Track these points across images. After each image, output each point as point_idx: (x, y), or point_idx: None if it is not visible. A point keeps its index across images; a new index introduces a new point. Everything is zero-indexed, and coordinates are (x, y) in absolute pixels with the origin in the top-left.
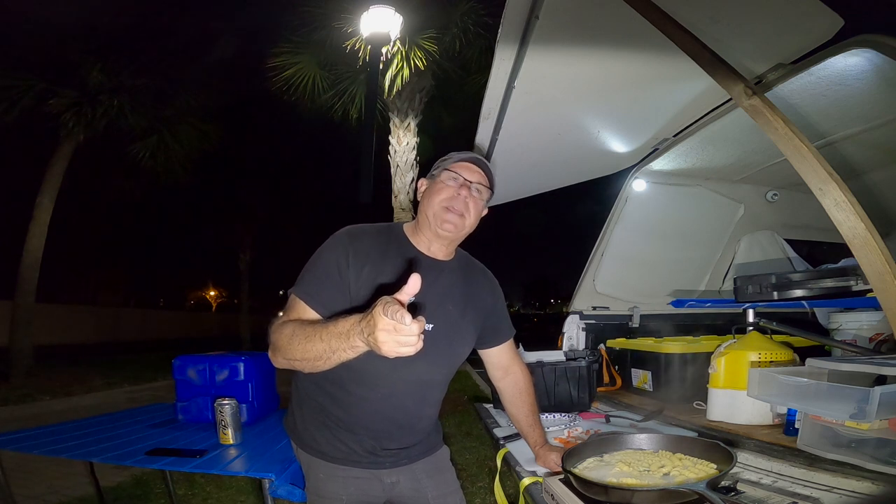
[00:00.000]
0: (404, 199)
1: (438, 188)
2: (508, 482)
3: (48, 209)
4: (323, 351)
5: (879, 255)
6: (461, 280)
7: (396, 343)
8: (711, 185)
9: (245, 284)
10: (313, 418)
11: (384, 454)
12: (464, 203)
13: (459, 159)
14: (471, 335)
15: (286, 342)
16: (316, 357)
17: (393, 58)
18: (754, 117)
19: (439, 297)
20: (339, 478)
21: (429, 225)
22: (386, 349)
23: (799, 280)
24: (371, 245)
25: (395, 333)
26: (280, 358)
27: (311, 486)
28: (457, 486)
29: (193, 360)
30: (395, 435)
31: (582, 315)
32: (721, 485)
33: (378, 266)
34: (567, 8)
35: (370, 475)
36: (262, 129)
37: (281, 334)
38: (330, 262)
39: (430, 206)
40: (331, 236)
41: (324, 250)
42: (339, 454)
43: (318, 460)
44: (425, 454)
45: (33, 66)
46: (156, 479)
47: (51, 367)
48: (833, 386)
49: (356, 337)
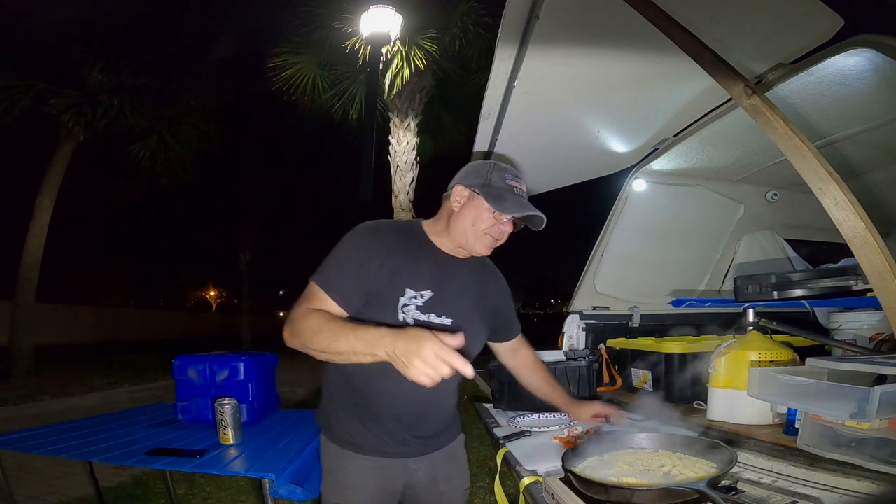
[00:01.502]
0: (404, 199)
1: (484, 216)
2: (508, 482)
3: (48, 209)
4: (344, 350)
5: (879, 254)
6: (477, 277)
7: (425, 375)
8: (711, 185)
9: (245, 284)
10: (344, 410)
11: (414, 442)
12: (502, 233)
13: (509, 190)
14: (484, 330)
15: (311, 333)
16: (335, 353)
17: (393, 58)
18: (754, 117)
19: (457, 292)
20: (367, 469)
21: (462, 241)
22: (412, 373)
23: (799, 280)
24: (392, 240)
25: (430, 369)
26: (298, 342)
27: (337, 478)
28: (465, 469)
29: (193, 360)
30: (421, 423)
31: (582, 315)
32: (721, 484)
33: (398, 261)
34: (567, 8)
35: (398, 464)
36: (262, 129)
37: (307, 324)
38: (351, 255)
39: (469, 228)
40: (352, 229)
41: (345, 242)
42: (369, 444)
43: (350, 452)
44: (448, 442)
45: (33, 66)
46: (156, 479)
47: (51, 367)
48: (833, 385)
49: (382, 349)
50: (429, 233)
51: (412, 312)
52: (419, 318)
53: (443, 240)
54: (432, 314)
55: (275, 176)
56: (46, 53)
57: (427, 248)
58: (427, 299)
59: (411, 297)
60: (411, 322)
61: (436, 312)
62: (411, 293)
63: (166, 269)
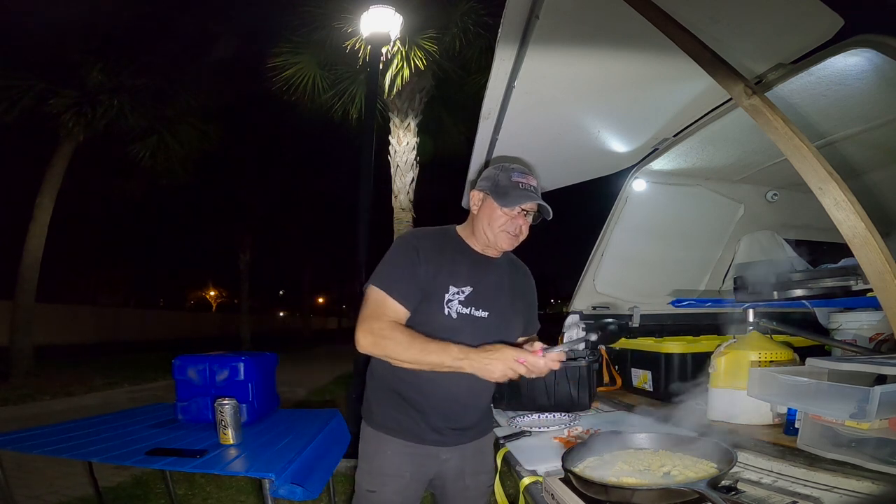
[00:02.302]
0: (404, 199)
1: (498, 215)
2: (508, 482)
3: (48, 209)
4: (433, 363)
5: (879, 254)
6: (509, 274)
7: (502, 374)
8: (711, 185)
9: (245, 284)
10: (389, 400)
11: (449, 433)
12: (520, 229)
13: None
14: (519, 323)
15: (402, 346)
16: (422, 363)
17: (393, 58)
18: (754, 117)
19: (494, 289)
20: (406, 454)
21: (487, 241)
22: (495, 376)
23: (799, 280)
24: (435, 244)
25: (510, 370)
26: (379, 351)
27: (374, 464)
28: (491, 466)
29: (193, 360)
30: (459, 414)
31: (582, 315)
32: (721, 484)
33: (441, 261)
34: (567, 8)
35: (432, 452)
36: (262, 129)
37: (394, 336)
38: (406, 261)
39: (489, 228)
40: (398, 238)
41: (397, 250)
42: (408, 429)
43: (390, 437)
44: (480, 435)
45: (33, 66)
46: (156, 479)
47: (51, 367)
48: (833, 385)
49: (466, 364)
50: (462, 236)
51: (455, 306)
52: (462, 311)
53: (475, 241)
54: (473, 307)
55: (275, 176)
56: (46, 53)
57: (463, 249)
58: (468, 294)
59: (455, 292)
60: (455, 315)
61: (475, 306)
62: (454, 289)
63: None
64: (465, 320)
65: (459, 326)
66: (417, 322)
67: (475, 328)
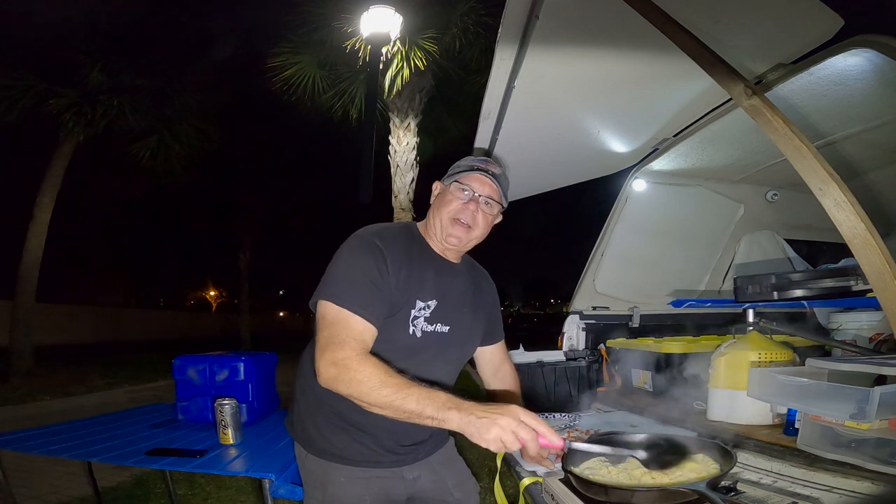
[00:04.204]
0: (404, 199)
1: (448, 199)
2: (508, 482)
3: (48, 209)
4: (411, 410)
5: (879, 254)
6: (471, 282)
7: (496, 437)
8: (711, 185)
9: (245, 284)
10: (329, 424)
11: (403, 451)
12: (472, 216)
13: (471, 168)
14: (479, 335)
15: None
16: (397, 410)
17: (393, 58)
18: (754, 117)
19: (456, 301)
20: (361, 479)
21: (436, 234)
22: (491, 437)
23: (799, 280)
24: (402, 248)
25: (508, 438)
26: (346, 390)
27: (327, 493)
28: (469, 472)
29: (193, 360)
30: (411, 431)
31: (582, 315)
32: (721, 485)
33: (408, 269)
34: (567, 8)
35: (392, 474)
36: (262, 129)
37: (364, 373)
38: (371, 270)
39: (439, 215)
40: (354, 237)
41: (356, 254)
42: (359, 456)
43: (338, 465)
44: (439, 446)
45: (33, 66)
46: (156, 479)
47: (51, 367)
48: (833, 386)
49: (454, 418)
50: (424, 236)
51: (421, 324)
52: (427, 329)
53: (431, 239)
54: (438, 324)
55: (275, 176)
56: (46, 53)
57: (427, 253)
58: (433, 309)
59: (421, 307)
60: (419, 335)
61: (440, 321)
62: (420, 304)
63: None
64: (430, 338)
65: (423, 346)
66: (377, 341)
67: (438, 346)
